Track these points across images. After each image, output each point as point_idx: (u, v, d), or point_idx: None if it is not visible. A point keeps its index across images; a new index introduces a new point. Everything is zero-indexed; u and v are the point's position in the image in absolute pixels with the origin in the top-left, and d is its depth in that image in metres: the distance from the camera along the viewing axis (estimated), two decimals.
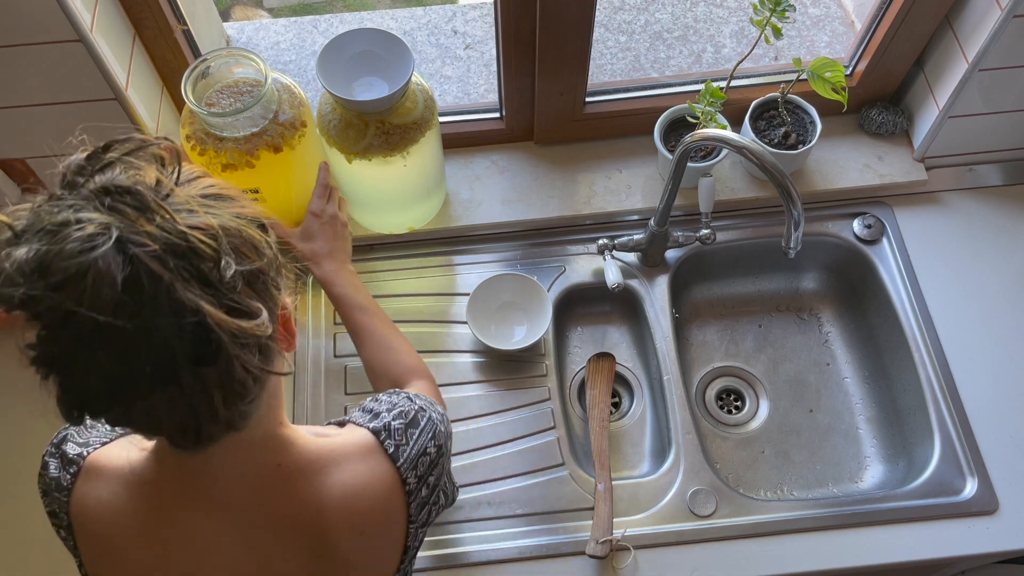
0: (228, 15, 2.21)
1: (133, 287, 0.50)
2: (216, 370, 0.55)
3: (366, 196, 1.23)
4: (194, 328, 0.52)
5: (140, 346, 0.51)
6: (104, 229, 0.51)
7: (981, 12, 1.14)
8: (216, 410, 0.57)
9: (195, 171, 0.62)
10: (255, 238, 0.60)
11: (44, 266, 0.50)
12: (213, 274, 0.54)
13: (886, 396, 1.29)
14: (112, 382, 0.53)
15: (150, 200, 0.53)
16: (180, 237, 0.53)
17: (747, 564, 1.08)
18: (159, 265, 0.51)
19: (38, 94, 1.03)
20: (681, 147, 1.08)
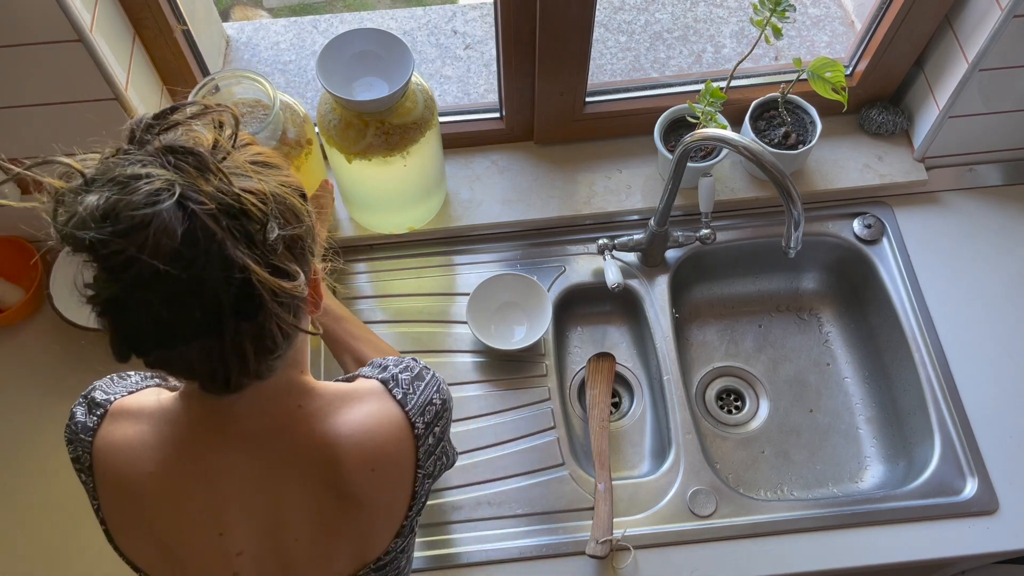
0: (228, 15, 2.21)
1: (190, 240, 0.54)
2: (254, 324, 0.59)
3: (366, 196, 1.23)
4: (240, 283, 0.56)
5: (191, 294, 0.55)
6: (168, 185, 0.55)
7: (981, 12, 1.14)
8: (247, 361, 0.61)
9: (244, 138, 0.66)
10: (297, 206, 0.64)
11: (114, 213, 0.54)
12: (259, 235, 0.58)
13: (886, 396, 1.29)
14: (162, 325, 0.56)
15: (209, 162, 0.57)
16: (234, 199, 0.57)
17: (747, 564, 1.08)
18: (214, 222, 0.55)
19: (38, 94, 1.03)
20: (681, 147, 1.08)
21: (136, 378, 0.80)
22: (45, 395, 1.21)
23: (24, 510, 1.14)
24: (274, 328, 0.61)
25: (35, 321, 1.26)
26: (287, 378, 0.71)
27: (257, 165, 0.63)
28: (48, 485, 1.16)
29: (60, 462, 1.17)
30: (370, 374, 0.80)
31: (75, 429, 0.76)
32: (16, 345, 1.25)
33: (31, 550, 1.11)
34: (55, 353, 1.24)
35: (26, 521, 1.14)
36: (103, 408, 0.75)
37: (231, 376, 0.62)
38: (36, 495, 1.15)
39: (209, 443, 0.70)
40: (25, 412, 1.20)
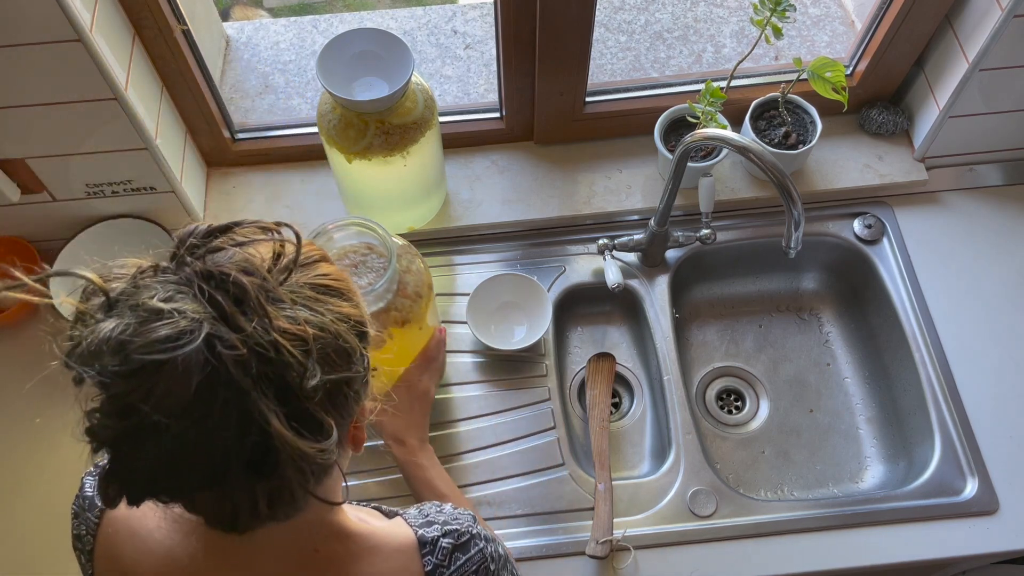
0: (228, 15, 2.21)
1: (207, 392, 0.48)
2: (267, 482, 0.53)
3: (366, 196, 1.23)
4: (256, 440, 0.50)
5: (195, 451, 0.49)
6: (195, 325, 0.48)
7: (981, 12, 1.14)
8: (259, 511, 0.54)
9: (314, 254, 0.60)
10: (350, 347, 0.56)
11: (124, 351, 0.48)
12: (295, 382, 0.51)
13: (886, 396, 1.29)
14: (158, 479, 0.51)
15: (252, 296, 0.51)
16: (270, 345, 0.50)
17: (747, 564, 1.08)
18: (240, 371, 0.49)
19: (37, 94, 1.03)
20: (681, 147, 1.08)
21: None
22: (45, 396, 1.21)
23: (24, 510, 1.14)
24: (294, 487, 0.54)
25: (35, 321, 1.26)
26: (313, 516, 0.63)
27: (317, 290, 0.56)
28: (48, 485, 1.16)
29: (60, 463, 1.17)
30: (412, 521, 0.71)
31: (82, 504, 0.70)
32: (16, 345, 1.25)
33: (31, 550, 1.11)
34: (55, 353, 1.23)
35: (26, 521, 1.13)
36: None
37: (239, 520, 0.55)
38: (36, 495, 1.15)
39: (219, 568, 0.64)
40: (25, 412, 1.20)
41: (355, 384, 0.57)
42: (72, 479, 1.14)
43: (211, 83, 1.24)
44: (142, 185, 1.19)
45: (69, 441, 1.20)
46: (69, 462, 1.17)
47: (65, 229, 1.23)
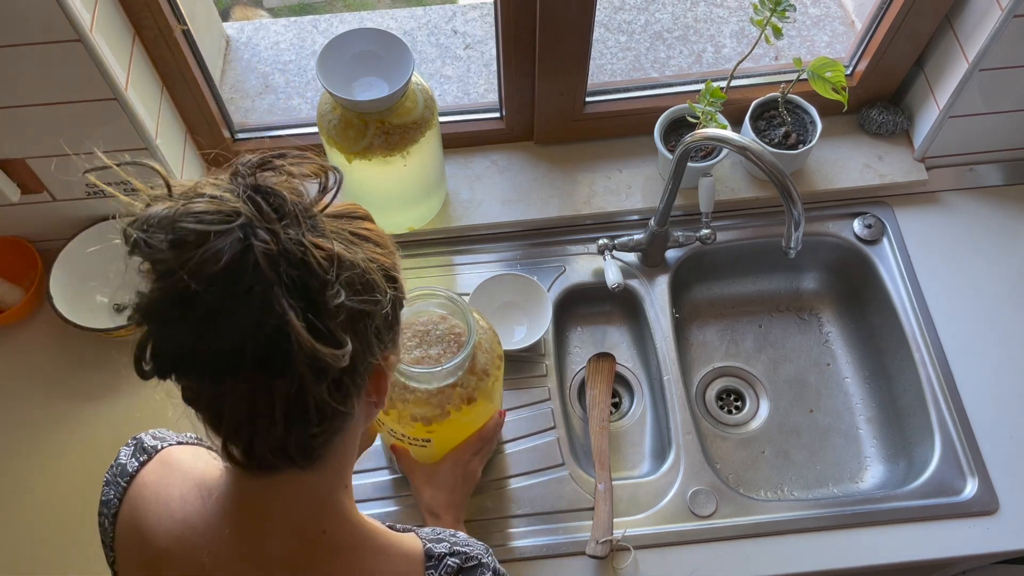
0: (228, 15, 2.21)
1: (235, 271, 0.52)
2: (284, 383, 0.55)
3: (366, 196, 1.23)
4: (272, 331, 0.53)
5: (219, 325, 0.53)
6: (235, 214, 0.54)
7: (981, 12, 1.14)
8: (274, 424, 0.56)
9: (360, 212, 0.64)
10: (377, 284, 0.60)
11: (171, 224, 0.53)
12: (318, 295, 0.55)
13: (886, 396, 1.29)
14: (184, 348, 0.54)
15: (288, 208, 0.56)
16: (299, 246, 0.54)
17: (747, 564, 1.08)
18: (268, 263, 0.53)
19: (37, 94, 1.03)
20: (681, 147, 1.08)
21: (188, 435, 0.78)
22: (45, 395, 1.21)
23: (24, 510, 1.14)
24: (309, 399, 0.56)
25: (35, 321, 1.26)
26: (324, 489, 0.65)
27: (357, 236, 0.61)
28: (48, 486, 1.16)
29: (60, 463, 1.17)
30: (424, 536, 0.71)
31: (115, 471, 0.73)
32: (16, 345, 1.25)
33: (31, 550, 1.11)
34: (55, 353, 1.24)
35: (26, 521, 1.13)
36: (148, 455, 0.72)
37: (255, 438, 0.57)
38: (36, 496, 1.15)
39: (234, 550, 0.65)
40: (25, 412, 1.20)
41: (377, 320, 0.60)
42: (72, 479, 1.15)
43: (211, 83, 1.24)
44: None
45: (69, 441, 1.21)
46: (69, 462, 1.17)
47: (65, 229, 1.23)
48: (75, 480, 1.15)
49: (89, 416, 1.19)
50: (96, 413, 1.19)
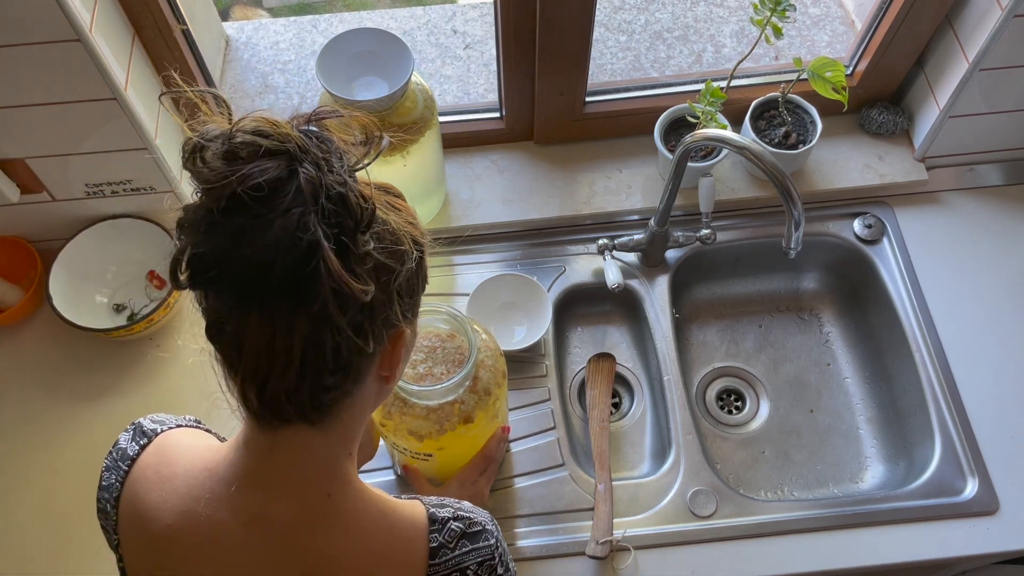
0: (227, 15, 2.21)
1: (278, 189, 0.54)
2: (304, 315, 0.56)
3: None
4: (304, 248, 0.54)
5: (253, 235, 0.54)
6: (287, 139, 0.56)
7: (981, 12, 1.14)
8: (291, 363, 0.57)
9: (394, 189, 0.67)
10: (404, 243, 0.62)
11: (227, 136, 0.56)
12: (351, 234, 0.57)
13: (886, 396, 1.29)
14: (218, 255, 0.55)
15: (334, 150, 0.58)
16: (340, 184, 0.56)
17: (747, 564, 1.08)
18: (310, 189, 0.55)
19: (37, 94, 1.03)
20: (681, 147, 1.08)
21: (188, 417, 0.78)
22: (45, 395, 1.21)
23: (24, 510, 1.14)
24: (328, 339, 0.57)
25: (35, 321, 1.26)
26: (330, 454, 0.66)
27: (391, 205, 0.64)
28: (48, 486, 1.16)
29: (60, 463, 1.17)
30: (427, 502, 0.71)
31: (116, 456, 0.73)
32: (16, 345, 1.25)
33: (31, 550, 1.11)
34: (55, 353, 1.24)
35: (26, 521, 1.13)
36: (148, 438, 0.73)
37: (270, 380, 0.58)
38: (36, 496, 1.15)
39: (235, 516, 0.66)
40: (25, 412, 1.20)
41: (400, 278, 0.61)
42: (71, 479, 1.15)
43: (211, 83, 1.24)
44: (142, 185, 1.19)
45: (69, 441, 1.21)
46: (69, 462, 1.17)
47: (65, 229, 1.23)
48: (75, 480, 1.15)
49: (89, 416, 1.19)
50: (96, 413, 1.19)
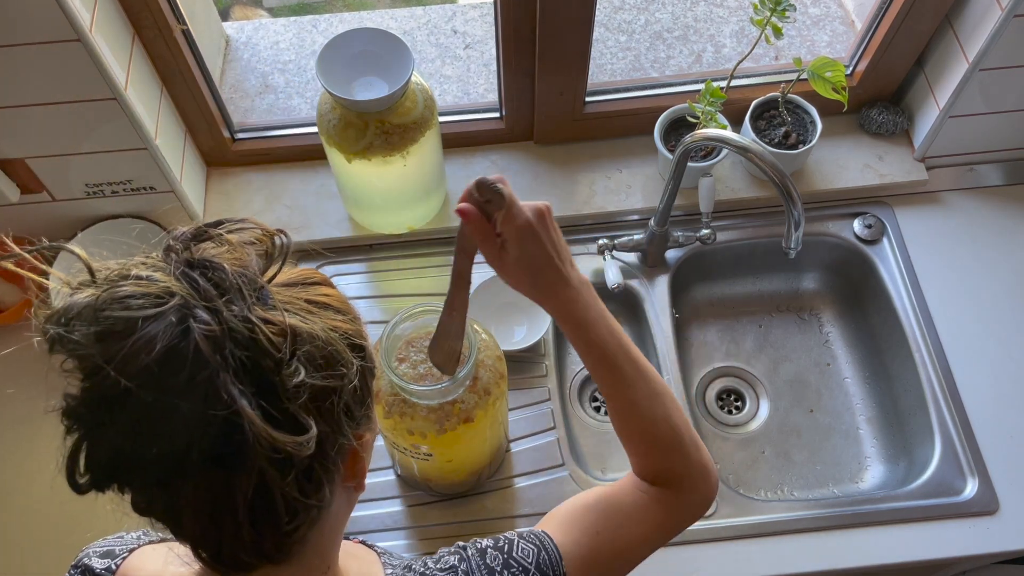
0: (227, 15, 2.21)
1: (172, 361, 0.46)
2: (244, 479, 0.49)
3: (366, 196, 1.23)
4: (222, 422, 0.46)
5: (155, 424, 0.47)
6: (168, 295, 0.48)
7: (981, 12, 1.14)
8: (240, 526, 0.51)
9: (316, 277, 0.58)
10: (341, 356, 0.53)
11: (94, 314, 0.47)
12: (273, 375, 0.49)
13: (886, 396, 1.29)
14: (117, 455, 0.48)
15: (231, 281, 0.49)
16: (245, 323, 0.48)
17: (747, 564, 1.08)
18: (210, 347, 0.46)
19: (37, 94, 1.03)
20: (681, 147, 1.08)
21: (134, 535, 0.70)
22: (44, 395, 1.21)
23: (22, 511, 1.14)
24: (276, 494, 0.50)
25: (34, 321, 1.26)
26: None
27: (314, 304, 0.54)
28: (47, 486, 1.15)
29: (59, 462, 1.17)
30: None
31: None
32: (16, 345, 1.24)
33: (29, 551, 1.11)
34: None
35: (24, 522, 1.13)
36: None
37: (223, 542, 0.51)
38: (34, 496, 1.15)
39: None
40: (24, 413, 1.20)
41: (345, 396, 0.54)
42: None
43: (211, 83, 1.24)
44: (142, 185, 1.19)
45: None
46: None
47: (65, 229, 1.23)
48: None
49: None
50: None
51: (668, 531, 0.75)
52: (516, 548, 0.67)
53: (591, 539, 0.70)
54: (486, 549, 0.68)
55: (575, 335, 0.76)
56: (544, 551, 0.67)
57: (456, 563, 0.67)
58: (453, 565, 0.67)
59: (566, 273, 0.75)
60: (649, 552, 0.74)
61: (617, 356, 0.75)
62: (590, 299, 0.76)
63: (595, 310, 0.76)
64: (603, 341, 0.75)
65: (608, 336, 0.75)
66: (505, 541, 0.68)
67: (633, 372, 0.76)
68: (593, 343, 0.75)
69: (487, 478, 1.13)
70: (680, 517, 0.75)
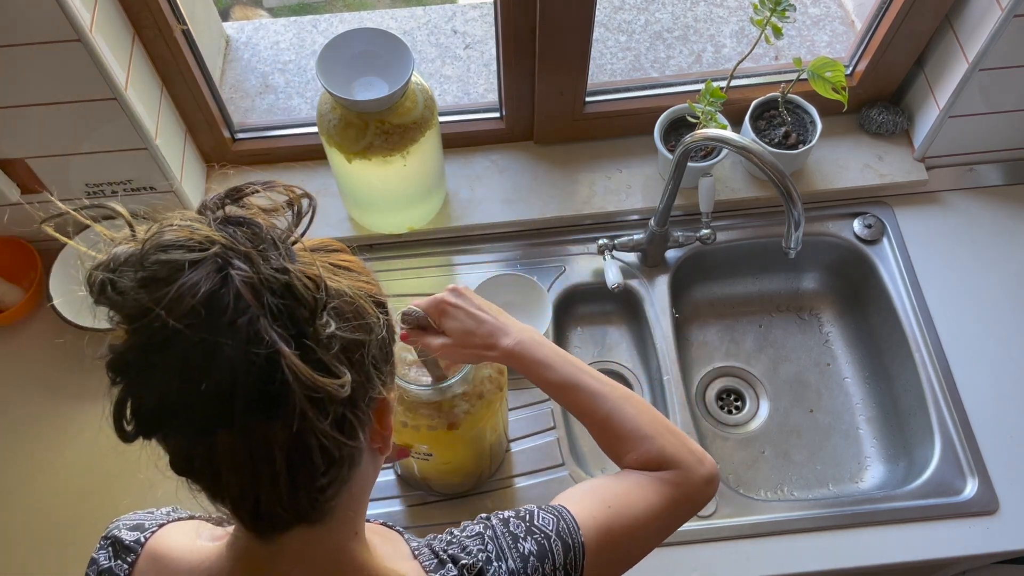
0: (227, 15, 2.21)
1: (214, 304, 0.48)
2: (282, 427, 0.50)
3: (366, 196, 1.23)
4: (264, 362, 0.48)
5: (201, 364, 0.48)
6: (209, 243, 0.49)
7: (981, 12, 1.14)
8: (278, 478, 0.52)
9: (333, 244, 0.61)
10: (367, 310, 0.56)
11: (138, 260, 0.49)
12: (307, 324, 0.51)
13: (886, 396, 1.29)
14: (166, 398, 0.49)
15: (265, 236, 0.52)
16: (282, 272, 0.50)
17: (747, 564, 1.08)
18: (251, 293, 0.48)
19: (37, 94, 1.03)
20: (681, 147, 1.08)
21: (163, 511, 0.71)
22: (44, 395, 1.21)
23: (23, 510, 1.14)
24: (311, 441, 0.51)
25: (35, 321, 1.26)
26: (337, 545, 0.61)
27: (335, 266, 0.57)
28: (48, 485, 1.16)
29: (60, 462, 1.17)
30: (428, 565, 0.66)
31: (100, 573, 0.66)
32: (16, 345, 1.25)
33: (30, 550, 1.11)
34: (54, 353, 1.24)
35: (26, 521, 1.13)
36: (134, 553, 0.66)
37: (261, 498, 0.52)
38: (35, 495, 1.15)
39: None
40: (24, 412, 1.20)
41: (373, 349, 0.56)
42: (71, 479, 1.15)
43: (211, 83, 1.24)
44: (142, 185, 1.19)
45: (69, 441, 1.21)
46: (69, 462, 1.17)
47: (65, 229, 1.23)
48: (75, 480, 1.15)
49: (89, 416, 1.19)
50: (96, 413, 1.18)
51: (678, 505, 0.77)
52: (537, 517, 0.70)
53: (603, 511, 0.72)
54: (508, 519, 0.70)
55: (535, 375, 0.82)
56: (563, 520, 0.70)
57: (481, 530, 0.69)
58: (479, 532, 0.69)
59: (500, 325, 0.83)
60: (662, 529, 0.76)
61: (580, 379, 0.80)
62: (537, 340, 0.82)
63: (546, 347, 0.82)
64: (563, 371, 0.81)
65: (566, 365, 0.81)
66: (526, 511, 0.71)
67: (600, 386, 0.81)
68: (553, 379, 0.81)
69: (487, 478, 1.13)
70: (687, 491, 0.77)
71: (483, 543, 0.68)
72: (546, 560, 0.67)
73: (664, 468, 0.77)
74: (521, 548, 0.68)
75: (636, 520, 0.73)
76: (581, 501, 0.74)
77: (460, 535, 0.70)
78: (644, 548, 0.75)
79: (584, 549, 0.69)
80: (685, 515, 0.78)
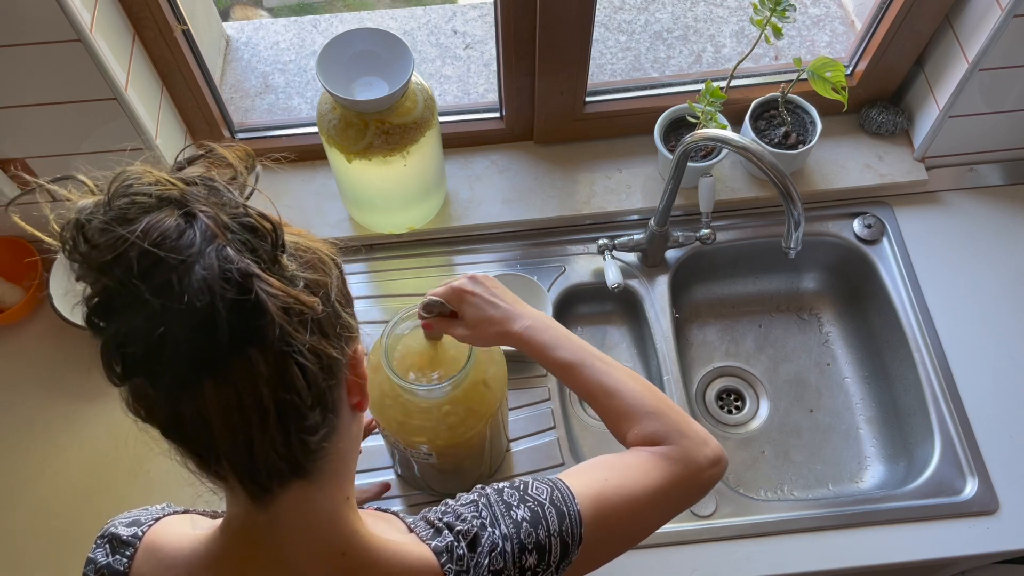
0: (228, 15, 2.21)
1: (185, 235, 0.50)
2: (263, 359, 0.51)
3: (366, 196, 1.23)
4: (238, 279, 0.50)
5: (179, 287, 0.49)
6: (172, 186, 0.52)
7: (981, 12, 1.14)
8: (267, 416, 0.52)
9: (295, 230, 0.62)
10: (324, 259, 0.58)
11: (106, 203, 0.52)
12: (271, 258, 0.53)
13: (886, 396, 1.29)
14: (151, 328, 0.49)
15: (221, 188, 0.54)
16: (242, 211, 0.53)
17: (747, 564, 1.08)
18: (215, 225, 0.51)
19: (37, 94, 1.03)
20: (681, 147, 1.08)
21: (158, 507, 0.72)
22: (44, 395, 1.21)
23: (23, 510, 1.14)
24: (294, 372, 0.53)
25: (35, 321, 1.26)
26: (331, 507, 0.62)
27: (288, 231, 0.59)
28: (48, 485, 1.16)
29: (60, 462, 1.17)
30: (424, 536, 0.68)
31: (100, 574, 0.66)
32: (16, 345, 1.25)
33: (31, 550, 1.11)
34: (55, 353, 1.24)
35: (26, 521, 1.14)
36: (131, 547, 0.66)
37: (254, 443, 0.53)
38: (35, 495, 1.15)
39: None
40: (24, 412, 1.20)
41: (334, 292, 0.58)
42: (71, 479, 1.15)
43: (211, 83, 1.24)
44: None
45: (69, 441, 1.21)
46: (69, 462, 1.17)
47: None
48: (74, 480, 1.15)
49: (88, 416, 1.19)
50: (95, 413, 1.20)
51: (680, 481, 0.76)
52: (531, 487, 0.71)
53: (600, 483, 0.73)
54: (503, 488, 0.72)
55: (543, 357, 0.83)
56: (557, 490, 0.71)
57: (476, 498, 0.71)
58: (473, 500, 0.71)
59: (514, 311, 0.85)
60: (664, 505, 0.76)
61: (585, 358, 0.82)
62: (547, 323, 0.85)
63: (555, 329, 0.84)
64: (570, 351, 0.83)
65: (573, 346, 0.83)
66: (520, 482, 0.72)
67: (605, 366, 0.83)
68: (560, 358, 0.83)
69: (487, 478, 1.13)
70: (690, 468, 0.77)
71: (477, 510, 0.70)
72: (539, 526, 0.68)
73: (666, 443, 0.78)
74: (514, 515, 0.69)
75: (634, 493, 0.73)
76: (578, 473, 0.75)
77: (455, 504, 0.71)
78: (646, 524, 0.76)
79: (581, 517, 0.70)
80: (689, 494, 0.78)
